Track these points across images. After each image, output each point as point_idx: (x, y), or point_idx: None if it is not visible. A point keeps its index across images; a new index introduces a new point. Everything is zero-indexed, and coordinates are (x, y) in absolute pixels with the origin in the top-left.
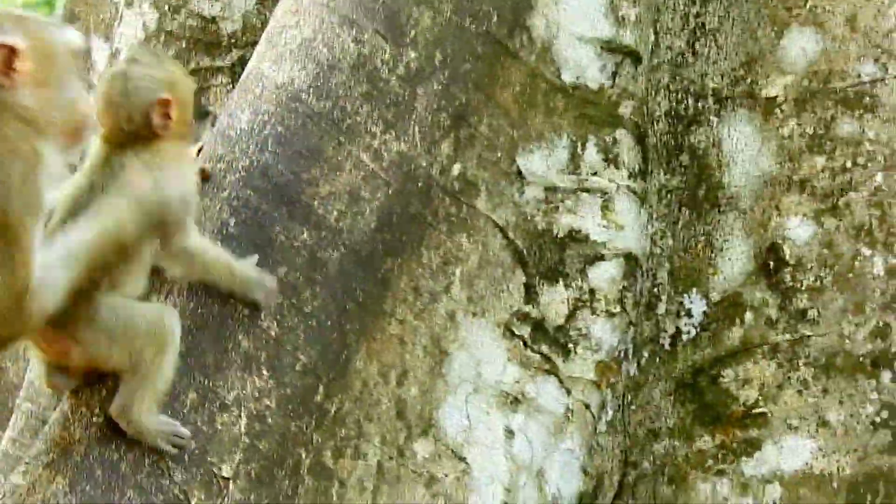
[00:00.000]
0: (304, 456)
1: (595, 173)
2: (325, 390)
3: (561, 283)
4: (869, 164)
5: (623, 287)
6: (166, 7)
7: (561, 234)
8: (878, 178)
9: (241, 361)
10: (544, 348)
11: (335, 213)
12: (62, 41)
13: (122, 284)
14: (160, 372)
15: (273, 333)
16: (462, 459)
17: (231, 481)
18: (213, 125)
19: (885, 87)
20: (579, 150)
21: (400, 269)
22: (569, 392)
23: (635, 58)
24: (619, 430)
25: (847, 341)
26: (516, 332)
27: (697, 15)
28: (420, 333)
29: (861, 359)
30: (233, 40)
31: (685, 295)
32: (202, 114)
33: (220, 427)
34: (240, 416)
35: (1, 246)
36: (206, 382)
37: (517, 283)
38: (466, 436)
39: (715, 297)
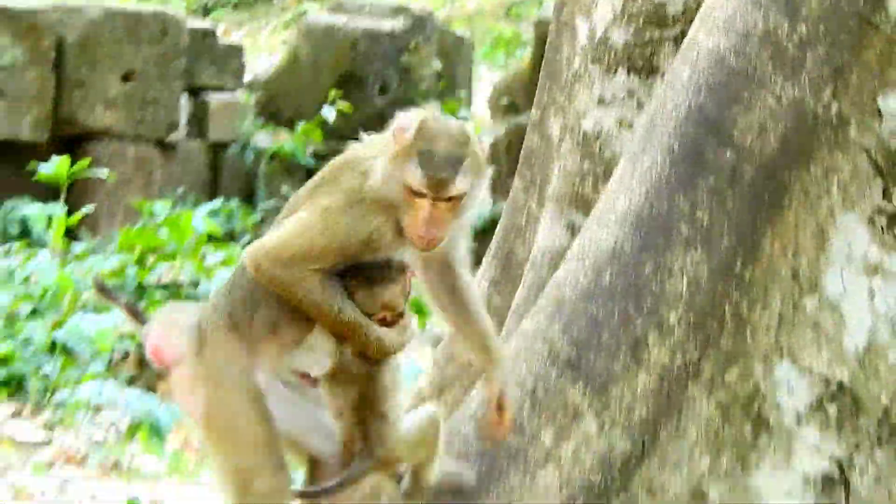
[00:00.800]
0: (726, 308)
1: None
2: (741, 262)
3: None
4: None
5: None
6: None
7: None
8: None
9: (683, 241)
10: None
11: (749, 139)
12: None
13: None
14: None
15: (704, 224)
16: (838, 311)
17: (675, 326)
18: (661, 79)
19: None
20: None
21: (794, 177)
22: None
23: None
24: None
25: None
26: (876, 222)
27: None
28: (809, 222)
29: None
30: (676, 18)
31: None
32: (653, 70)
33: (668, 287)
34: (681, 280)
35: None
36: (657, 258)
37: (877, 188)
38: (841, 294)
39: None
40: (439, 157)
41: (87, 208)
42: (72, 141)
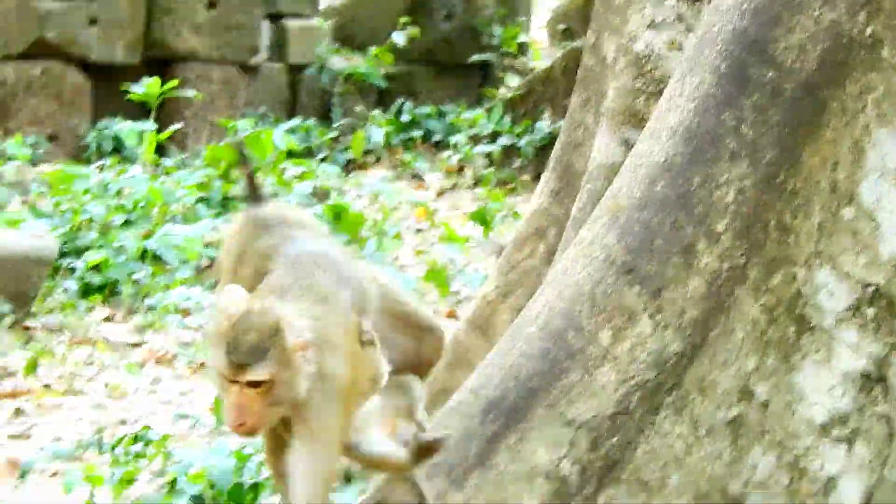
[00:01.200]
0: (770, 217)
1: None
2: (784, 174)
3: None
4: None
5: None
6: None
7: None
8: None
9: (729, 155)
10: None
11: (790, 59)
12: None
13: None
14: None
15: (749, 138)
16: (874, 220)
17: (722, 234)
18: (708, 4)
19: None
20: None
21: (832, 95)
22: None
23: None
24: None
25: None
26: None
27: None
28: (846, 137)
29: None
30: None
31: None
32: None
33: (716, 197)
34: (728, 191)
35: None
36: (705, 170)
37: None
38: (877, 204)
39: None
40: (241, 346)
41: (176, 126)
42: (161, 63)
